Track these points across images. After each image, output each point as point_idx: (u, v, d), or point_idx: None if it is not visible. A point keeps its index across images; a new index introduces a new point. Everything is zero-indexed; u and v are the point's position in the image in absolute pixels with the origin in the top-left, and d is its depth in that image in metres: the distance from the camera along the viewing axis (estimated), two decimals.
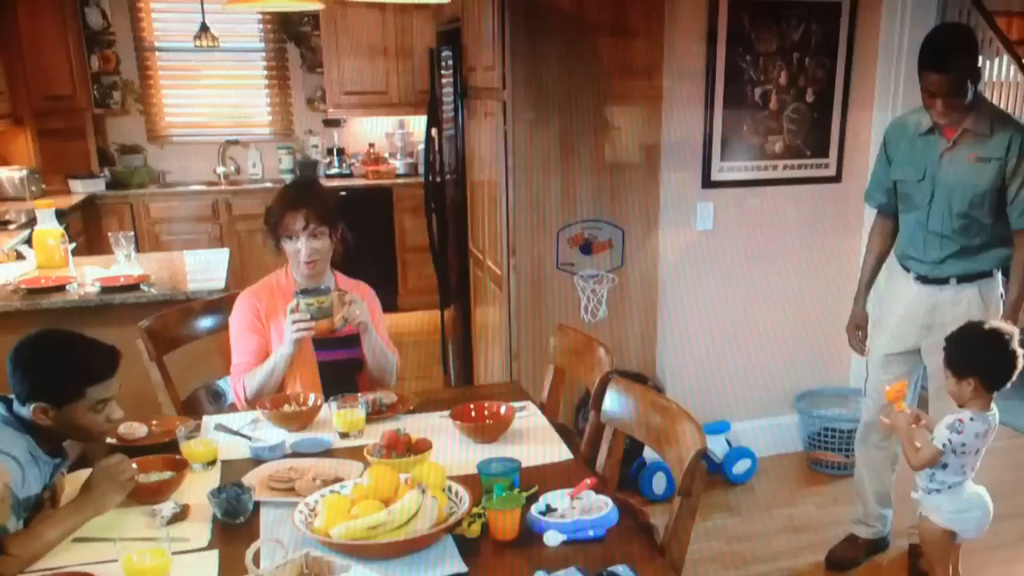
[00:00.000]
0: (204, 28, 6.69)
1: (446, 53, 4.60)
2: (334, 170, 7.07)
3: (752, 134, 3.88)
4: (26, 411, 2.09)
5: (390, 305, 6.57)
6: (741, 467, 3.99)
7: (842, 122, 3.99)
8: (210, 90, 7.18)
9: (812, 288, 4.10)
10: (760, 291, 4.10)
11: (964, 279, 3.05)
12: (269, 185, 6.77)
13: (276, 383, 2.80)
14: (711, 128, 3.83)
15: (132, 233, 4.27)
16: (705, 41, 3.74)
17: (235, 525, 2.02)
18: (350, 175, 7.07)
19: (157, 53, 7.00)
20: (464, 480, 2.06)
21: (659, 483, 3.79)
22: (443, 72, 4.70)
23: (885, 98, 3.93)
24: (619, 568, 1.77)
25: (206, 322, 3.11)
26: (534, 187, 3.79)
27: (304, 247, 2.81)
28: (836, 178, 4.05)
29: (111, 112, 6.93)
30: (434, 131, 4.94)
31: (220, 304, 3.09)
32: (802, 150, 3.98)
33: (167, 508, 2.07)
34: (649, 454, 3.80)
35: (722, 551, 3.47)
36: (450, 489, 2.04)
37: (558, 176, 3.79)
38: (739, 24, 3.75)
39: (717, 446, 3.94)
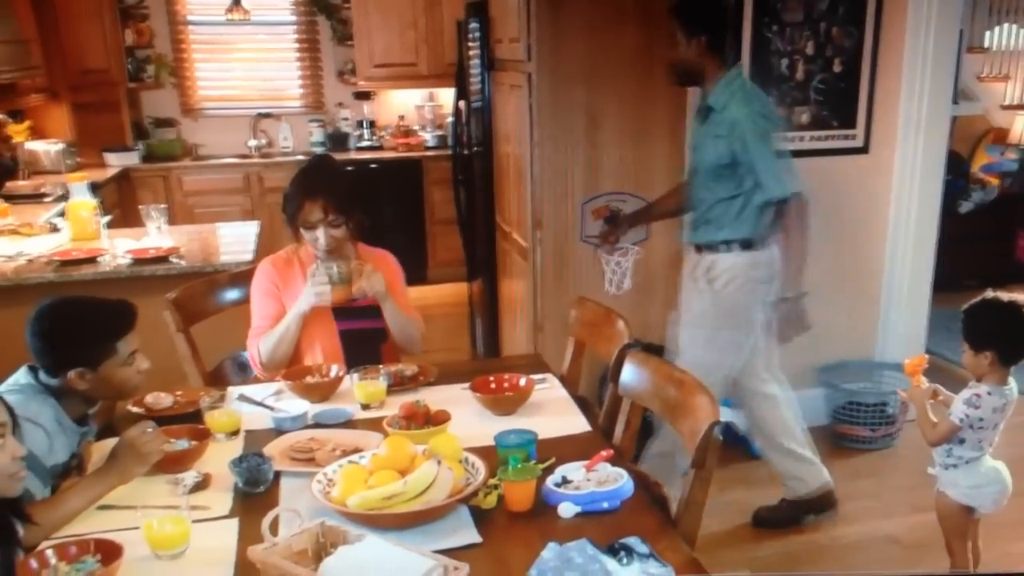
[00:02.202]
0: (236, 2, 6.76)
1: (473, 25, 4.59)
2: (364, 142, 7.10)
3: (778, 105, 3.82)
4: (54, 380, 2.14)
5: (418, 277, 6.64)
6: None
7: (870, 92, 3.92)
8: (242, 63, 7.22)
9: (838, 261, 4.05)
10: None
11: (704, 248, 3.23)
12: (300, 158, 6.81)
13: (288, 348, 2.83)
14: None
15: (164, 206, 4.33)
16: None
17: (256, 494, 2.06)
18: (380, 147, 7.09)
19: (190, 27, 7.05)
20: (482, 452, 2.08)
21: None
22: (471, 44, 4.69)
23: (914, 67, 3.87)
24: (631, 540, 1.78)
25: (232, 294, 3.15)
26: (559, 159, 3.79)
27: (323, 237, 2.83)
28: (863, 149, 4.00)
29: (145, 86, 6.99)
30: (462, 104, 4.94)
31: (246, 276, 3.12)
32: (829, 121, 3.94)
33: (189, 477, 2.12)
34: None
35: (740, 524, 3.48)
36: (466, 460, 2.06)
37: (583, 148, 3.78)
38: None
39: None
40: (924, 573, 3.05)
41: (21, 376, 2.15)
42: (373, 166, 6.85)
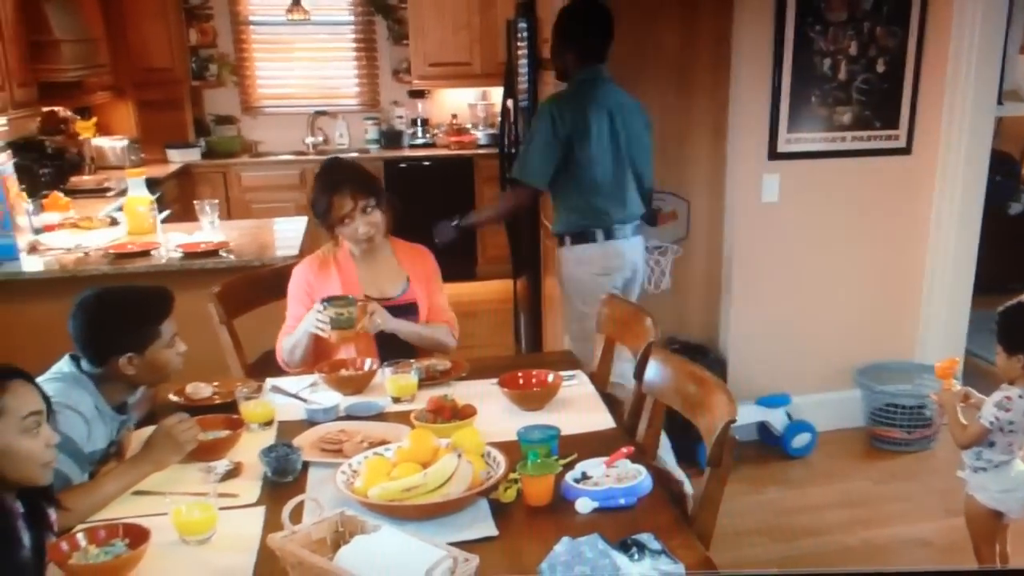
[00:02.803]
0: (296, 2, 6.89)
1: (522, 25, 4.62)
2: (418, 140, 7.19)
3: (820, 105, 3.81)
4: (95, 369, 2.23)
5: (468, 274, 6.71)
6: (800, 441, 3.95)
7: (913, 93, 3.88)
8: (301, 62, 7.35)
9: (878, 262, 4.03)
10: (825, 264, 4.05)
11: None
12: (355, 155, 6.92)
13: (304, 352, 2.90)
14: (778, 99, 3.77)
15: (216, 201, 4.44)
16: (774, 10, 3.67)
17: (284, 484, 2.12)
18: (433, 145, 7.18)
19: (252, 27, 7.20)
20: (507, 446, 2.12)
21: None
22: (519, 44, 4.72)
23: (958, 68, 3.80)
24: (644, 536, 1.80)
25: (275, 288, 3.21)
26: None
27: (361, 226, 2.88)
28: (906, 150, 3.95)
29: (208, 84, 7.16)
30: (510, 102, 4.97)
31: (289, 271, 3.20)
32: (871, 121, 3.89)
33: (221, 465, 2.19)
34: None
35: (772, 524, 3.47)
36: (488, 455, 2.10)
37: None
38: None
39: (777, 419, 3.92)
40: (930, 570, 3.02)
41: (64, 365, 2.24)
42: (426, 163, 6.93)
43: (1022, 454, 2.71)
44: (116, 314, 2.27)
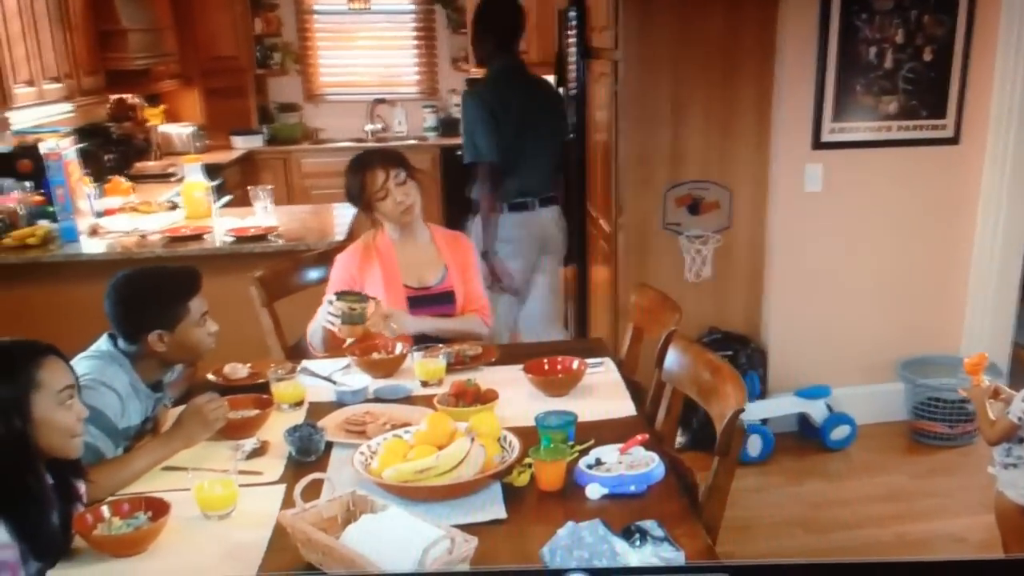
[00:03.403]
0: None
1: (572, 14, 4.63)
2: None
3: (865, 94, 3.75)
4: (131, 347, 2.31)
5: None
6: (839, 433, 3.90)
7: (961, 82, 3.78)
8: (362, 51, 7.46)
9: (923, 253, 3.96)
10: (869, 255, 3.99)
11: None
12: (412, 142, 7.01)
13: (320, 343, 2.97)
14: (823, 88, 3.72)
15: (270, 187, 4.54)
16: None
17: (307, 463, 2.17)
18: None
19: (315, 16, 7.33)
20: (527, 431, 2.15)
21: (754, 445, 3.77)
22: (569, 33, 4.73)
23: (1007, 57, 3.69)
24: (648, 523, 1.81)
25: (317, 273, 3.29)
26: (642, 146, 3.80)
27: (397, 195, 2.95)
28: (954, 140, 3.86)
29: (272, 72, 7.32)
30: (560, 91, 4.98)
31: (331, 256, 3.27)
32: (918, 111, 3.81)
33: (248, 444, 2.26)
34: (744, 415, 3.78)
35: (807, 516, 3.45)
36: (504, 439, 2.13)
37: (667, 136, 3.78)
38: None
39: (816, 411, 3.88)
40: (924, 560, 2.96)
41: (101, 343, 2.33)
42: None
43: None
44: (145, 293, 2.35)
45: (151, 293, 2.35)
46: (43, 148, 4.01)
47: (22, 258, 3.78)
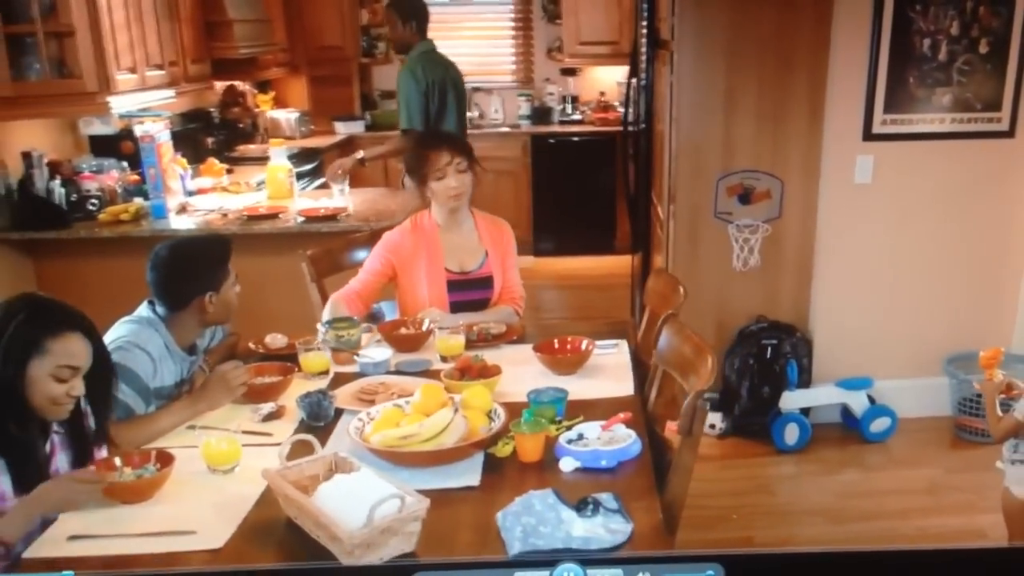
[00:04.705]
0: None
1: (644, 5, 4.66)
2: (567, 117, 7.32)
3: (918, 86, 3.69)
4: (171, 312, 2.52)
5: (607, 247, 6.82)
6: (879, 425, 3.86)
7: (1018, 75, 3.68)
8: (462, 40, 7.63)
9: (974, 248, 3.88)
10: (918, 249, 3.93)
11: None
12: (506, 130, 7.17)
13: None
14: (875, 80, 3.67)
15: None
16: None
17: (317, 428, 2.34)
18: (581, 122, 7.30)
19: None
20: (525, 407, 2.24)
21: (791, 433, 3.77)
22: (643, 24, 4.76)
23: None
24: (604, 496, 1.90)
25: (364, 253, 3.42)
26: (696, 135, 3.85)
27: (452, 180, 3.08)
28: (1009, 133, 3.77)
29: (376, 61, 7.58)
30: (633, 81, 5.02)
31: (379, 236, 3.42)
32: (972, 103, 3.73)
33: (266, 408, 2.44)
34: (784, 404, 3.78)
35: (833, 506, 3.45)
36: (495, 411, 2.24)
37: (720, 125, 3.82)
38: None
39: (857, 402, 3.84)
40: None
41: (142, 309, 2.55)
42: (575, 139, 7.07)
43: None
44: (194, 260, 2.57)
45: (200, 260, 2.58)
46: (138, 131, 4.33)
47: (114, 232, 4.10)
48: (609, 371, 2.64)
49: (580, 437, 2.18)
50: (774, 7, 3.66)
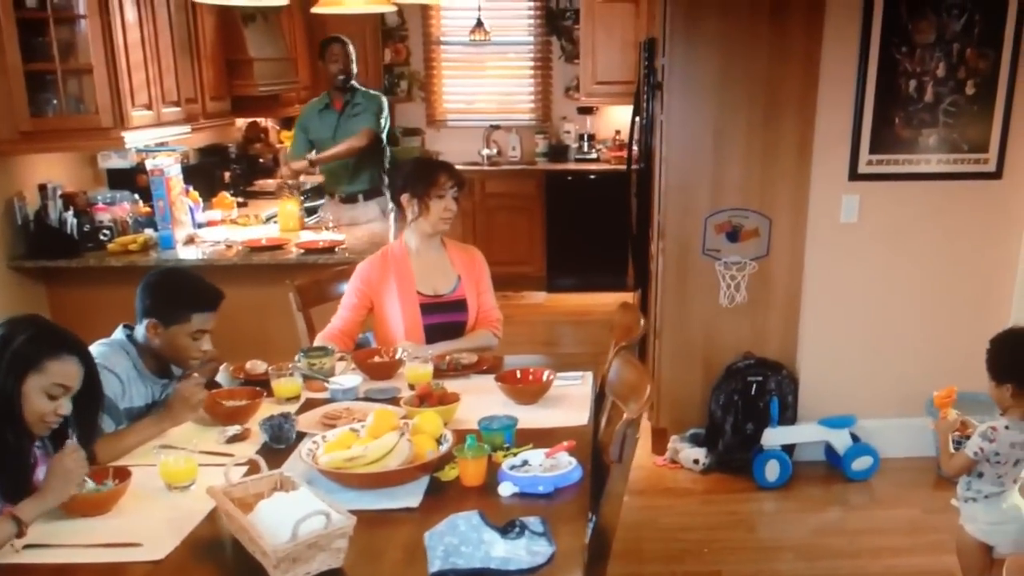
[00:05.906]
0: (479, 23, 7.31)
1: (646, 45, 4.75)
2: (583, 155, 7.42)
3: (904, 127, 3.73)
4: (141, 334, 2.62)
5: (619, 284, 6.86)
6: (861, 464, 3.86)
7: (1005, 116, 3.70)
8: (482, 79, 7.79)
9: (961, 289, 3.90)
10: (904, 288, 3.95)
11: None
12: (522, 167, 7.27)
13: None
14: (860, 120, 3.72)
15: None
16: (859, 32, 3.63)
17: (278, 449, 2.43)
18: (596, 160, 7.39)
19: (442, 46, 7.72)
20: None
21: (772, 470, 3.78)
22: (645, 64, 4.85)
23: None
24: (531, 520, 1.96)
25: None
26: (685, 173, 3.92)
27: (449, 202, 3.23)
28: (996, 174, 3.78)
29: (398, 98, 7.74)
30: (637, 119, 5.10)
31: None
32: (959, 144, 3.76)
33: (232, 429, 2.53)
34: (766, 441, 3.79)
35: (807, 543, 3.45)
36: (444, 437, 2.31)
37: (709, 164, 3.88)
38: (896, 14, 3.62)
39: (839, 440, 3.84)
40: None
41: (117, 332, 2.66)
42: (591, 177, 7.16)
43: (1017, 487, 2.58)
44: (162, 287, 2.64)
45: (167, 289, 2.65)
46: (148, 165, 4.50)
47: (122, 261, 4.24)
48: (570, 401, 2.70)
49: (524, 463, 2.24)
50: (764, 49, 3.72)
